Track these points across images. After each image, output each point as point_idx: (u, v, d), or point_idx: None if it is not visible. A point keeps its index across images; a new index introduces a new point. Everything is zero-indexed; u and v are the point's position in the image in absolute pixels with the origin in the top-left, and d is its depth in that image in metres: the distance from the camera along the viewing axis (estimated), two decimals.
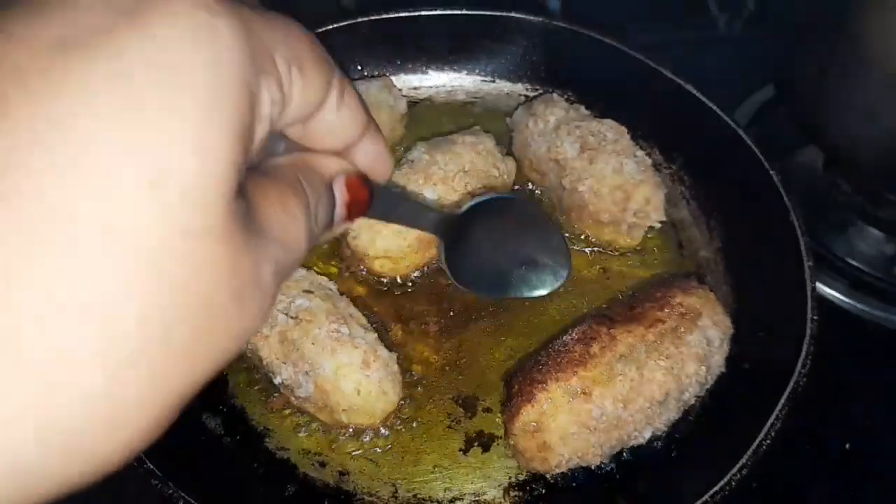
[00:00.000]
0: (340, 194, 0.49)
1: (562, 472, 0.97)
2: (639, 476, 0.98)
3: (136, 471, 0.87)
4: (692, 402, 1.00)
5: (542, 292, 0.94)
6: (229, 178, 0.36)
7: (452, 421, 1.07)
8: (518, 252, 0.93)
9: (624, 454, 1.00)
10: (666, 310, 0.99)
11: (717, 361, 1.01)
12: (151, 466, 0.87)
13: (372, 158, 0.52)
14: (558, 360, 0.96)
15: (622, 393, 0.94)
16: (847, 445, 1.19)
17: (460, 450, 1.04)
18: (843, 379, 1.30)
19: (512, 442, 0.99)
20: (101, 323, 0.32)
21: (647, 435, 0.98)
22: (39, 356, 0.31)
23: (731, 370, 1.02)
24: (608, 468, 1.00)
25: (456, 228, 0.82)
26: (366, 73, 1.43)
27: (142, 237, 0.33)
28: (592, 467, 0.97)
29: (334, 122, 0.47)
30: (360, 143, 0.51)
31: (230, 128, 0.36)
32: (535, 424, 0.94)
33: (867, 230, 1.47)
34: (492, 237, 0.89)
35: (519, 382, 0.97)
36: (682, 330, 0.98)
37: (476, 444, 1.05)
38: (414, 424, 1.06)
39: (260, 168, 0.46)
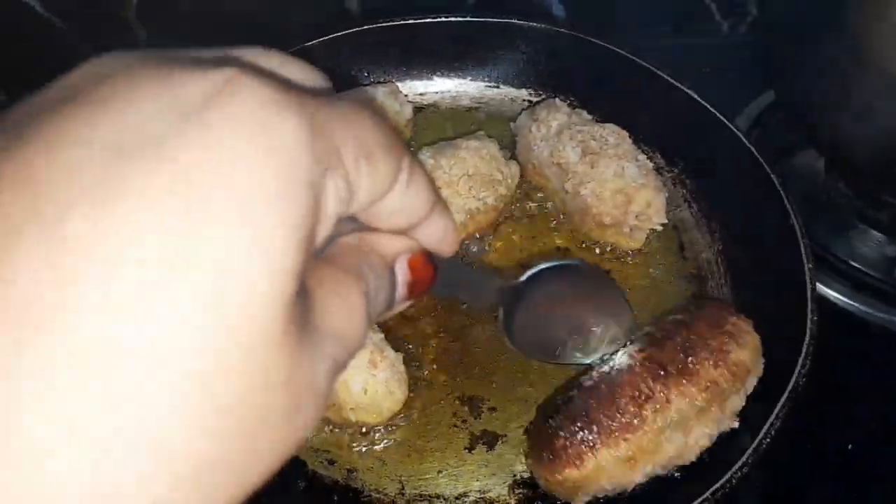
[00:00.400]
0: (403, 275, 0.46)
1: None
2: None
3: None
4: None
5: (594, 357, 0.97)
6: (292, 286, 0.33)
7: (458, 420, 1.09)
8: (574, 319, 0.96)
9: None
10: (721, 369, 0.95)
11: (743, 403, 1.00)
12: None
13: (438, 236, 0.48)
14: (609, 420, 0.92)
15: (666, 459, 0.94)
16: (849, 447, 1.20)
17: (465, 448, 1.06)
18: (845, 380, 1.31)
19: (543, 483, 0.98)
20: (148, 453, 0.30)
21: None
22: (84, 487, 0.29)
23: None
24: None
25: (517, 295, 0.85)
26: (372, 80, 1.45)
27: (195, 359, 0.30)
28: None
29: (401, 203, 0.43)
30: (427, 220, 0.46)
31: (295, 235, 0.33)
32: (576, 482, 0.93)
33: (868, 232, 1.49)
34: (550, 304, 0.94)
35: (566, 439, 0.93)
36: (731, 391, 0.96)
37: (481, 442, 1.07)
38: (419, 423, 1.08)
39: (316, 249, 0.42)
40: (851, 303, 1.38)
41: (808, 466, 1.18)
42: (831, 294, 1.40)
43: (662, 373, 0.94)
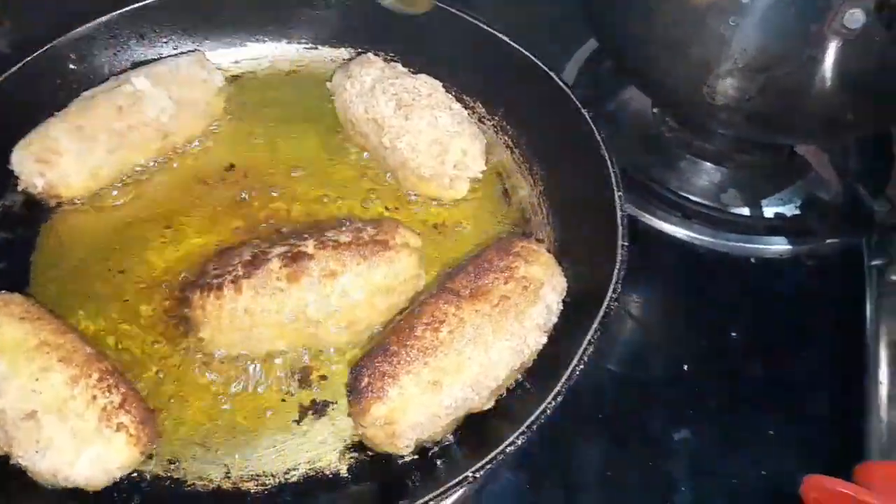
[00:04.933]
0: None
1: None
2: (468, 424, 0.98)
3: None
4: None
5: None
6: None
7: (285, 394, 1.04)
8: None
9: None
10: (511, 283, 0.98)
11: (554, 321, 1.02)
12: None
13: None
14: (408, 349, 0.93)
15: (471, 377, 0.93)
16: (685, 367, 1.24)
17: (294, 420, 1.02)
18: (680, 305, 1.35)
19: (361, 432, 0.96)
20: None
21: (493, 403, 0.98)
22: None
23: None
24: None
25: None
26: (180, 50, 1.37)
27: None
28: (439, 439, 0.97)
29: None
30: None
31: None
32: (385, 418, 0.92)
33: (697, 163, 1.53)
34: None
35: (369, 376, 0.93)
36: (525, 304, 0.98)
37: (311, 412, 1.03)
38: (244, 402, 1.03)
39: None
40: (684, 231, 1.41)
41: (644, 390, 1.21)
42: (665, 226, 1.43)
43: (455, 297, 0.96)
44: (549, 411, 0.89)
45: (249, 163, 1.29)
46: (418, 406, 0.91)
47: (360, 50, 1.41)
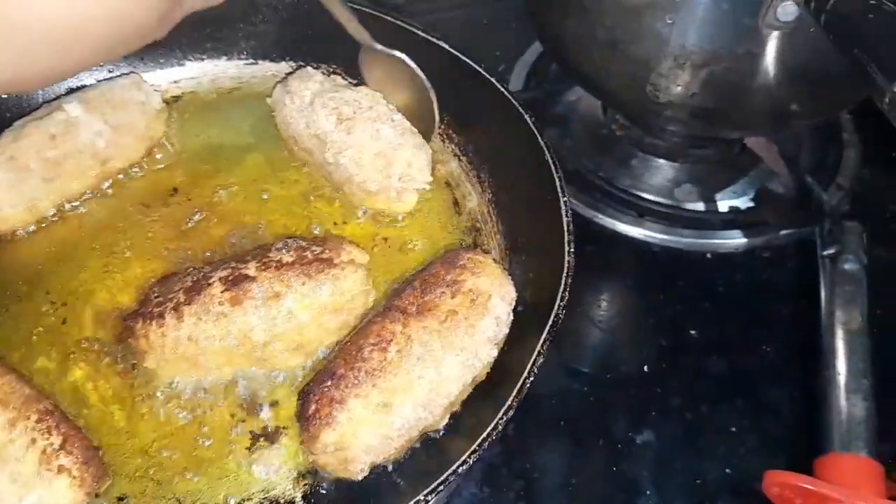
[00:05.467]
0: None
1: None
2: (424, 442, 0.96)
3: None
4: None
5: None
6: None
7: (236, 421, 1.01)
8: None
9: None
10: (458, 297, 0.96)
11: (504, 332, 1.00)
12: None
13: None
14: (355, 371, 0.91)
15: (422, 396, 0.91)
16: (644, 368, 1.23)
17: (246, 448, 0.99)
18: (637, 305, 1.34)
19: (313, 459, 0.93)
20: None
21: (447, 420, 0.96)
22: None
23: None
24: None
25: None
26: (116, 73, 1.33)
27: None
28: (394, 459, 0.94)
29: None
30: None
31: None
32: (336, 444, 0.89)
33: (649, 160, 1.53)
34: None
35: (316, 402, 0.90)
36: (474, 318, 0.96)
37: (262, 439, 1.00)
38: (194, 433, 1.00)
39: None
40: (638, 230, 1.41)
41: (604, 391, 1.20)
42: (619, 226, 1.42)
43: (402, 315, 0.94)
44: (500, 427, 0.87)
45: (193, 185, 1.26)
46: (368, 429, 0.89)
47: (300, 63, 1.38)
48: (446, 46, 1.28)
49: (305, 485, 0.97)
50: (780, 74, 1.14)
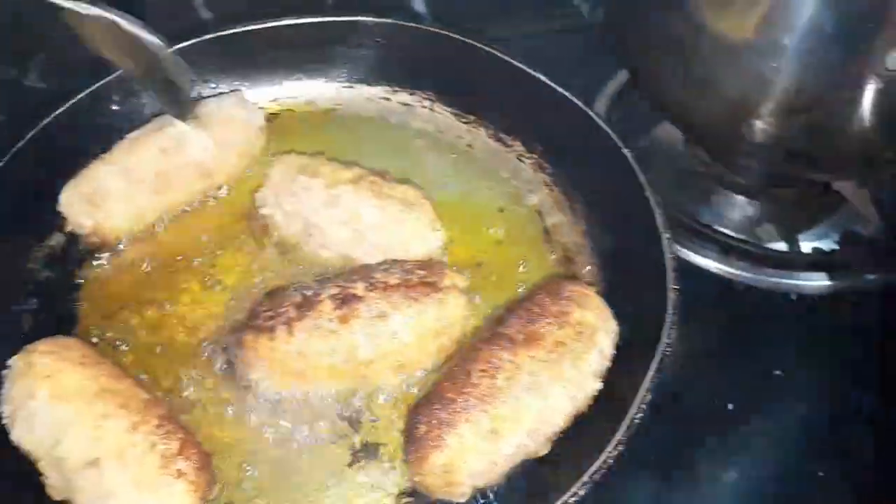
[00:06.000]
0: None
1: None
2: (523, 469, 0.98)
3: None
4: None
5: None
6: None
7: (337, 436, 1.04)
8: None
9: None
10: (565, 329, 0.98)
11: (606, 365, 1.01)
12: None
13: None
14: (465, 396, 0.93)
15: (529, 425, 0.93)
16: (729, 406, 1.23)
17: (347, 464, 1.02)
18: (719, 341, 1.34)
19: (418, 479, 0.95)
20: None
21: (548, 448, 0.97)
22: None
23: None
24: None
25: None
26: (219, 90, 1.38)
27: None
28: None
29: None
30: None
31: None
32: (444, 467, 0.91)
33: (730, 196, 1.53)
34: None
35: (426, 423, 0.93)
36: (580, 350, 0.98)
37: (363, 455, 1.03)
38: (295, 446, 1.03)
39: None
40: (721, 266, 1.41)
41: (691, 430, 1.20)
42: (700, 261, 1.43)
43: (509, 343, 0.95)
44: (610, 460, 0.88)
45: None
46: (477, 454, 0.91)
47: (396, 89, 1.42)
48: (541, 77, 1.31)
49: (406, 502, 0.99)
50: (881, 122, 1.14)
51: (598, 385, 0.98)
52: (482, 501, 0.96)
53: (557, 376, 0.95)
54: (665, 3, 1.27)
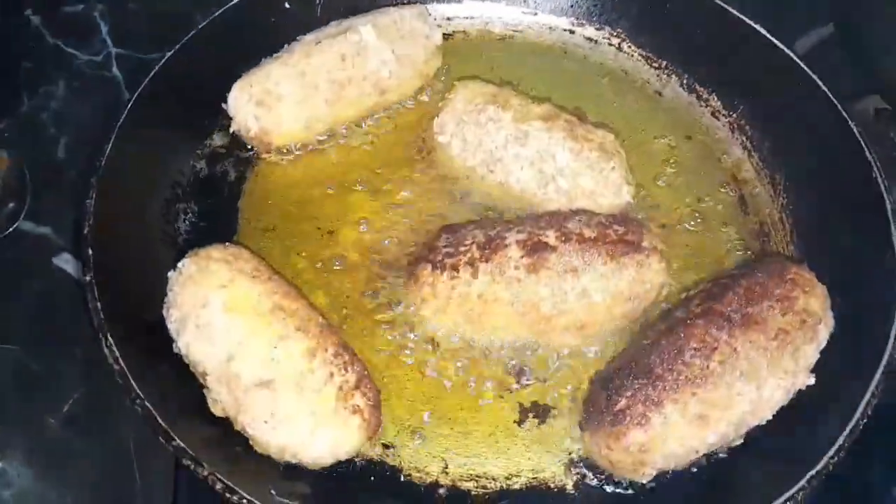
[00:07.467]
0: None
1: None
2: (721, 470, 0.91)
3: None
4: None
5: None
6: None
7: (504, 390, 0.98)
8: None
9: None
10: (788, 316, 0.88)
11: (815, 360, 0.91)
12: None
13: None
14: (675, 375, 0.84)
15: (738, 415, 0.84)
16: None
17: (515, 421, 0.96)
18: None
19: (604, 453, 0.87)
20: None
21: (742, 440, 0.89)
22: None
23: None
24: None
25: None
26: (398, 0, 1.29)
27: None
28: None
29: None
30: None
31: None
32: (642, 445, 0.84)
33: None
34: None
35: (628, 398, 0.84)
36: (801, 341, 0.87)
37: (532, 415, 0.96)
38: (462, 397, 0.97)
39: None
40: None
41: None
42: None
43: (725, 322, 0.86)
44: (831, 466, 0.80)
45: None
46: (679, 439, 0.84)
47: (583, 23, 1.30)
48: (760, 29, 1.16)
49: (577, 474, 0.92)
50: None
51: (811, 381, 0.88)
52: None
53: (776, 366, 0.86)
54: None
